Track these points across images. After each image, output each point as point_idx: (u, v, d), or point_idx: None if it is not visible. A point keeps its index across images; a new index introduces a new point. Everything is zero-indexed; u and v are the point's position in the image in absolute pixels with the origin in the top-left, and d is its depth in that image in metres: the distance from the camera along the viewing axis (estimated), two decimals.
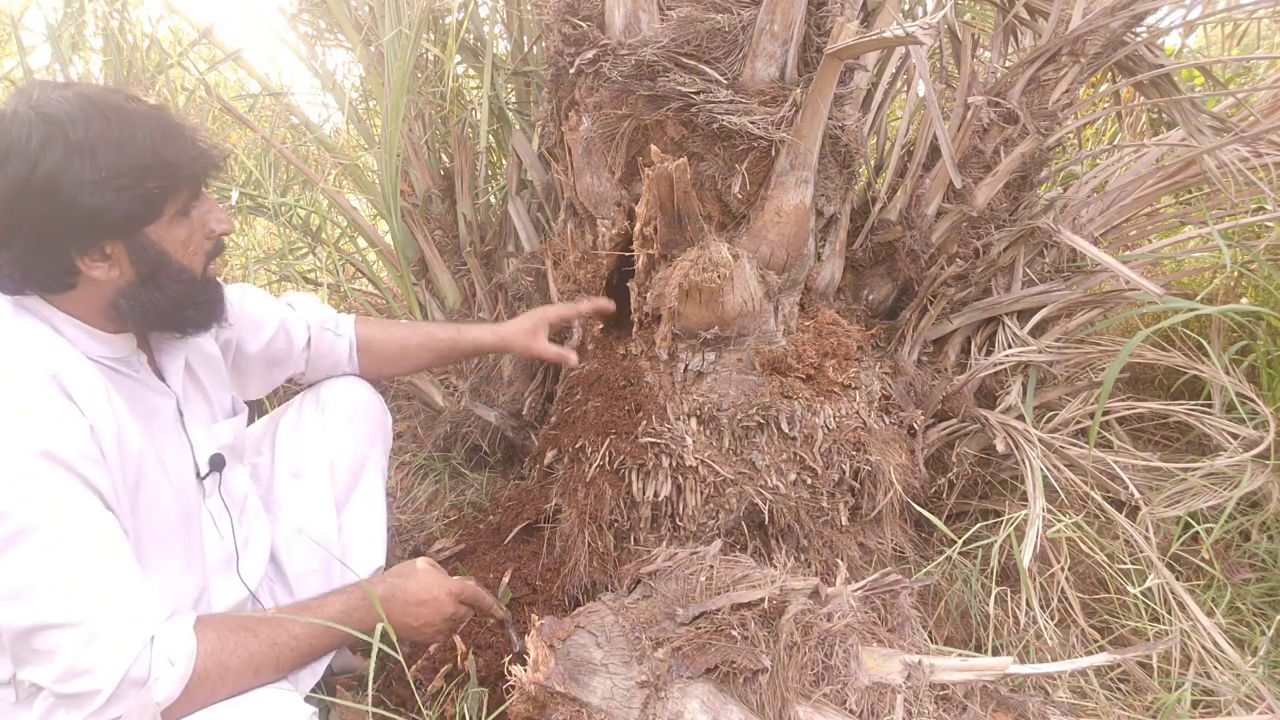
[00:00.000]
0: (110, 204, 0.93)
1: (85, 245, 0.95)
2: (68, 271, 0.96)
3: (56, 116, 0.91)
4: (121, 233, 0.96)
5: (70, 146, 0.90)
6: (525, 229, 2.14)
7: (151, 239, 0.99)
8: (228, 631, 0.96)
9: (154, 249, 0.99)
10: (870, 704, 1.03)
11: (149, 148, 0.95)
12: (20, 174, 0.89)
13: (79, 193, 0.91)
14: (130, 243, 0.97)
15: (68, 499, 0.90)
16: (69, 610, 0.86)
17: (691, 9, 1.49)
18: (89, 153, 0.91)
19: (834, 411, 1.59)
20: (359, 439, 1.44)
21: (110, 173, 0.92)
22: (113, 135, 0.93)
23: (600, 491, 1.51)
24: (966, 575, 1.52)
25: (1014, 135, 1.78)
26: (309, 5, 2.26)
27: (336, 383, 1.48)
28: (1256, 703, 1.26)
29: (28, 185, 0.89)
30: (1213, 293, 2.26)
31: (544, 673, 1.04)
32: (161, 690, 0.87)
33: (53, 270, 0.95)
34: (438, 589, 1.16)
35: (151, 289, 1.01)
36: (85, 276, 0.97)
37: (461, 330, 1.56)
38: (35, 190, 0.90)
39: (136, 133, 0.95)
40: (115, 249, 0.97)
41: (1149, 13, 1.71)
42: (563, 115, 1.66)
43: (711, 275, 1.43)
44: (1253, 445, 1.62)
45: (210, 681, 0.92)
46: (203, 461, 1.17)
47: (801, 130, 1.47)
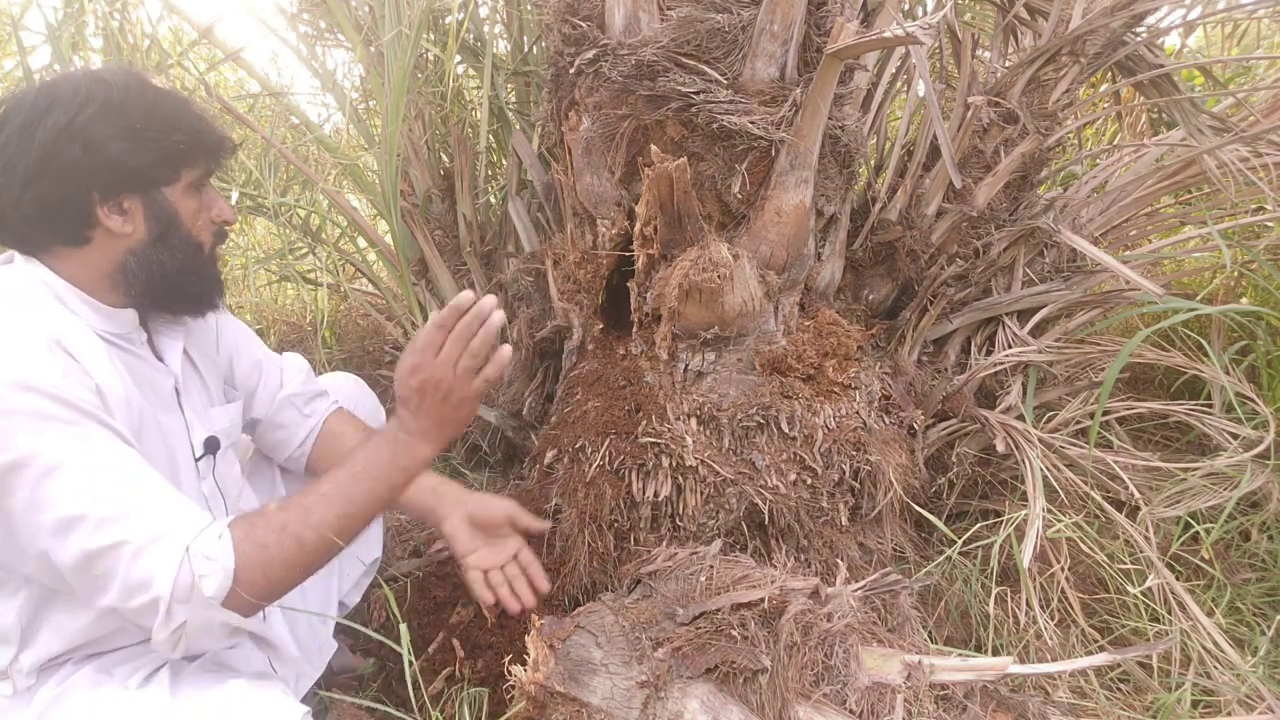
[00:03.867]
0: (136, 154, 1.01)
1: (106, 194, 1.01)
2: (86, 221, 1.02)
3: (101, 76, 1.02)
4: (141, 187, 1.03)
5: (109, 102, 1.00)
6: (525, 229, 2.14)
7: (167, 199, 1.06)
8: (257, 516, 0.97)
9: (168, 209, 1.06)
10: (870, 704, 1.03)
11: (177, 113, 1.05)
12: (61, 121, 0.98)
13: (109, 140, 0.99)
14: (147, 199, 1.04)
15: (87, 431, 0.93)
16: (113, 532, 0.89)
17: (691, 9, 1.49)
18: (124, 110, 1.00)
19: (834, 411, 1.59)
20: None
21: (140, 126, 1.01)
22: (148, 99, 1.03)
23: (600, 491, 1.51)
24: (966, 575, 1.52)
25: (1014, 135, 1.78)
26: (309, 5, 2.26)
27: (329, 377, 1.50)
28: (1256, 703, 1.26)
29: (66, 130, 0.98)
30: (1213, 293, 2.26)
31: (544, 673, 1.04)
32: (210, 585, 0.89)
33: (72, 216, 1.01)
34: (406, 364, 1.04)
35: (161, 249, 1.06)
36: (102, 228, 1.02)
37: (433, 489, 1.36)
38: (71, 135, 0.98)
39: (167, 101, 1.06)
40: (133, 204, 1.03)
41: (1149, 13, 1.71)
42: (563, 115, 1.66)
43: (711, 275, 1.43)
44: (1253, 445, 1.62)
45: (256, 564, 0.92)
46: (198, 444, 1.18)
47: (801, 130, 1.47)
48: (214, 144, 1.10)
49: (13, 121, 0.99)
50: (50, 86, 1.01)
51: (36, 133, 0.98)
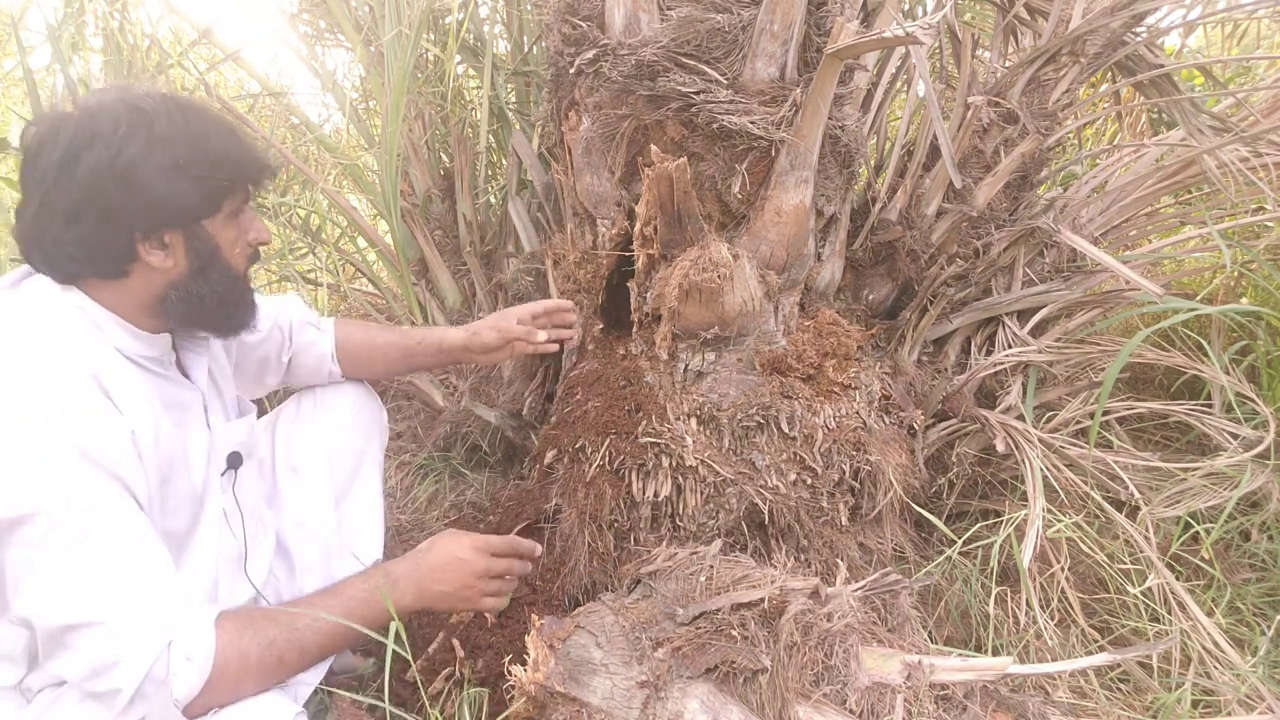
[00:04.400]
0: (180, 192, 0.99)
1: (149, 230, 0.99)
2: (127, 257, 1.00)
3: (144, 108, 0.98)
4: (183, 222, 1.02)
5: (153, 137, 0.97)
6: (525, 229, 2.14)
7: (208, 232, 1.05)
8: (247, 622, 0.97)
9: (209, 242, 1.05)
10: (870, 704, 1.03)
11: (220, 145, 1.03)
12: (104, 158, 0.95)
13: (154, 179, 0.97)
14: (188, 233, 1.03)
15: (101, 499, 0.92)
16: (95, 609, 0.88)
17: (691, 9, 1.49)
18: (168, 144, 0.98)
19: (834, 411, 1.59)
20: (356, 435, 1.46)
21: (184, 163, 0.98)
22: (190, 130, 1.00)
23: (600, 491, 1.51)
24: (966, 575, 1.52)
25: (1014, 135, 1.78)
26: (309, 5, 2.26)
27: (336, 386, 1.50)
28: (1256, 703, 1.26)
29: (110, 169, 0.95)
30: (1213, 293, 2.26)
31: (544, 673, 1.04)
32: (180, 687, 0.88)
33: (114, 253, 1.00)
34: (458, 549, 1.15)
35: (201, 282, 1.06)
36: (142, 263, 1.01)
37: (433, 332, 1.50)
38: (114, 174, 0.95)
39: (209, 130, 1.03)
40: (174, 238, 1.02)
41: (1149, 13, 1.71)
42: (563, 115, 1.66)
43: (711, 275, 1.43)
44: (1253, 445, 1.62)
45: (231, 672, 0.92)
46: (221, 459, 1.19)
47: (801, 130, 1.47)
48: (256, 172, 1.08)
49: (50, 153, 0.96)
50: (89, 119, 0.97)
51: (77, 170, 0.95)
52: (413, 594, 1.10)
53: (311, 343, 1.45)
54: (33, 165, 0.97)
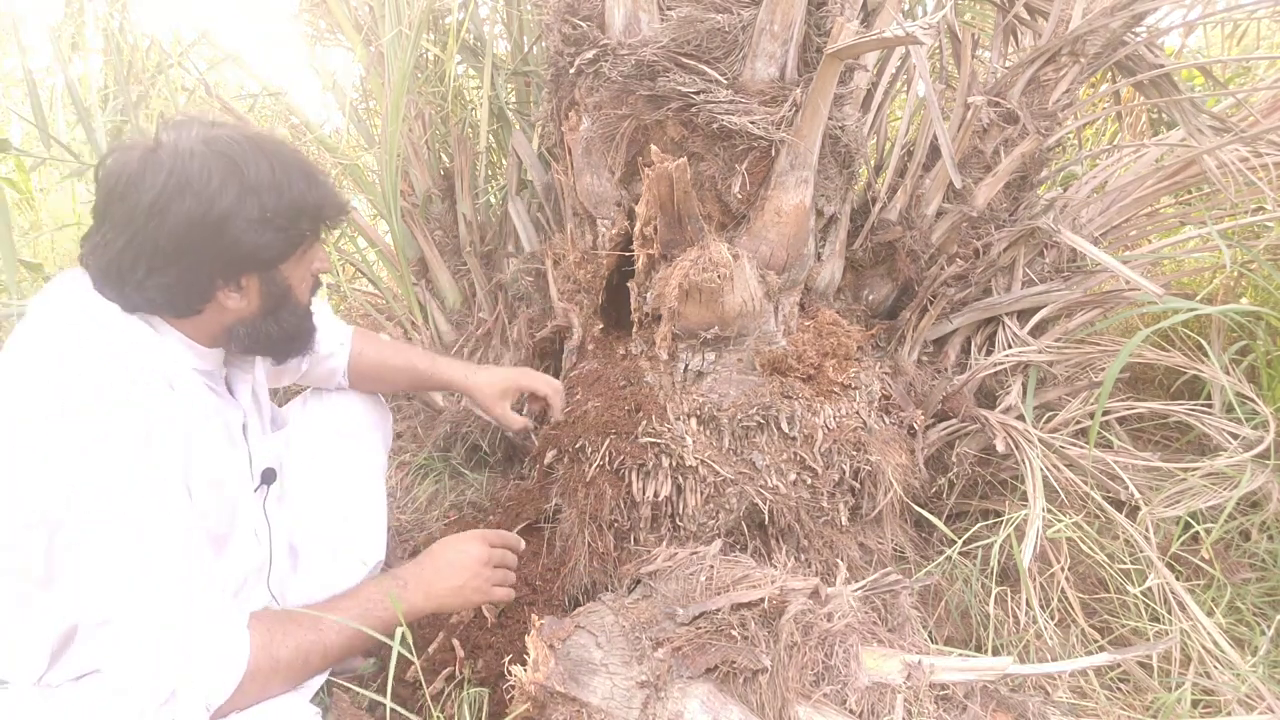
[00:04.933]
0: (267, 242, 1.01)
1: (230, 277, 1.02)
2: (204, 299, 1.03)
3: (232, 156, 0.98)
4: (263, 267, 1.04)
5: (244, 188, 0.98)
6: (525, 229, 2.14)
7: (283, 275, 1.08)
8: (276, 625, 0.99)
9: (283, 284, 1.08)
10: (870, 704, 1.03)
11: (301, 191, 1.04)
12: (196, 211, 0.96)
13: (243, 232, 0.99)
14: (264, 277, 1.06)
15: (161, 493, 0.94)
16: (141, 604, 0.89)
17: (691, 9, 1.49)
18: (257, 194, 0.99)
19: (834, 411, 1.59)
20: (361, 436, 1.49)
21: (271, 214, 1.00)
22: (277, 179, 1.01)
23: (600, 491, 1.51)
24: (966, 575, 1.52)
25: (1014, 135, 1.78)
26: (309, 5, 2.26)
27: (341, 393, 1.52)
28: (1256, 703, 1.26)
29: (201, 223, 0.96)
30: (1213, 293, 2.25)
31: (544, 673, 1.04)
32: (214, 690, 0.90)
33: (192, 297, 1.02)
34: (458, 542, 1.21)
35: (271, 321, 1.09)
36: (216, 303, 1.04)
37: (438, 364, 1.54)
38: (205, 227, 0.97)
39: (292, 176, 1.03)
40: (250, 281, 1.05)
41: (1149, 13, 1.71)
42: (563, 115, 1.66)
43: (711, 275, 1.43)
44: (1253, 445, 1.62)
45: (262, 675, 0.95)
46: (256, 475, 1.22)
47: (801, 130, 1.47)
48: (333, 215, 1.10)
49: (140, 196, 0.95)
50: (180, 166, 0.96)
51: (168, 218, 0.95)
52: (423, 594, 1.14)
53: (328, 354, 1.48)
54: (118, 202, 0.97)
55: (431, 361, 1.54)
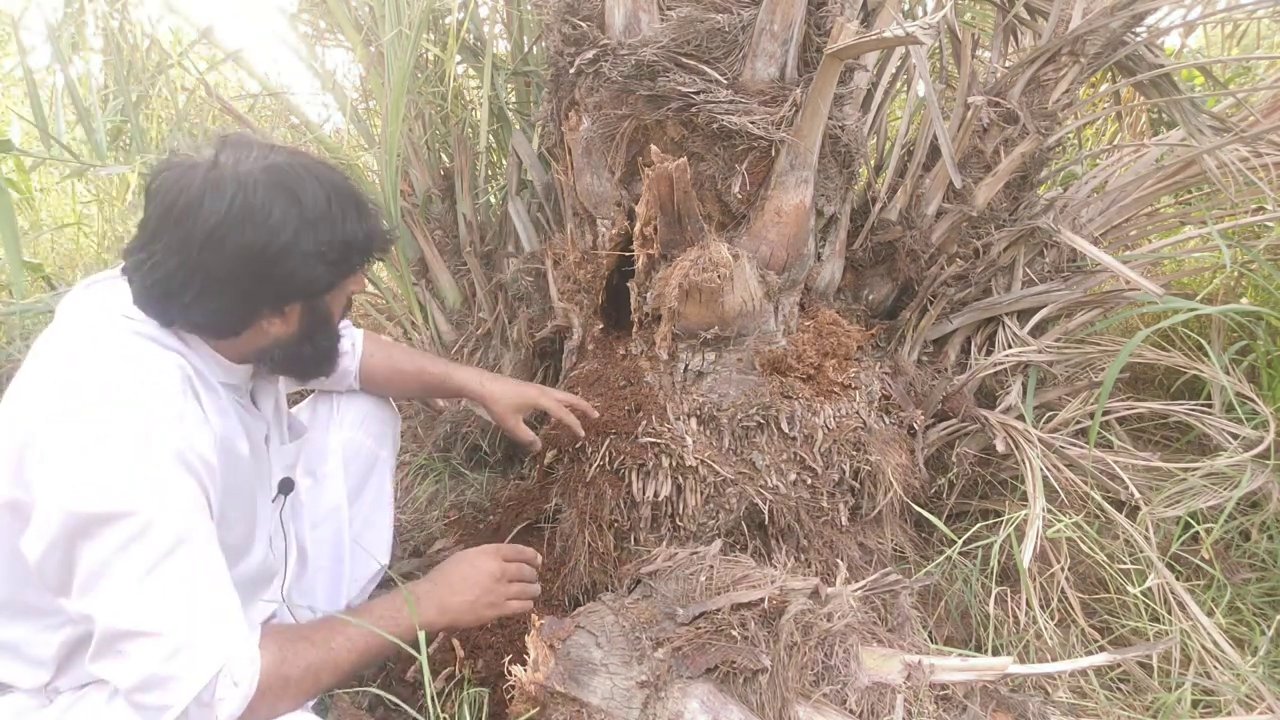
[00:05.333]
0: (320, 276, 1.02)
1: (278, 306, 1.03)
2: (246, 325, 1.03)
3: (292, 188, 0.98)
4: (310, 297, 1.05)
5: (304, 222, 0.98)
6: (525, 229, 2.14)
7: (326, 304, 1.09)
8: (287, 643, 0.97)
9: (325, 312, 1.09)
10: (870, 704, 1.03)
11: (355, 226, 1.04)
12: (258, 242, 0.95)
13: (300, 265, 0.99)
14: (308, 305, 1.06)
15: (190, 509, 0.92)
16: (161, 621, 0.88)
17: (691, 9, 1.49)
18: (314, 229, 0.99)
19: (834, 411, 1.59)
20: (370, 439, 1.49)
21: (326, 248, 1.00)
22: (332, 212, 1.01)
23: (600, 491, 1.51)
24: (966, 575, 1.52)
25: (1014, 135, 1.78)
26: (309, 5, 2.26)
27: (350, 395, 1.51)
28: (1256, 703, 1.26)
29: (260, 256, 0.96)
30: (1213, 293, 2.25)
31: (544, 673, 1.04)
32: (225, 711, 0.88)
33: (236, 323, 1.02)
34: (471, 557, 1.20)
35: (307, 344, 1.10)
36: (257, 329, 1.04)
37: (451, 371, 1.52)
38: (263, 260, 0.96)
39: (347, 209, 1.03)
40: (293, 309, 1.05)
41: (1149, 13, 1.71)
42: (563, 115, 1.66)
43: (711, 275, 1.43)
44: (1253, 445, 1.62)
45: (273, 694, 0.93)
46: (275, 485, 1.22)
47: (801, 130, 1.47)
48: (381, 249, 1.11)
49: (199, 222, 0.94)
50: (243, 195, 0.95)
51: (226, 247, 0.94)
52: (436, 609, 1.13)
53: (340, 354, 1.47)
54: (175, 225, 0.95)
55: (444, 368, 1.52)
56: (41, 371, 0.96)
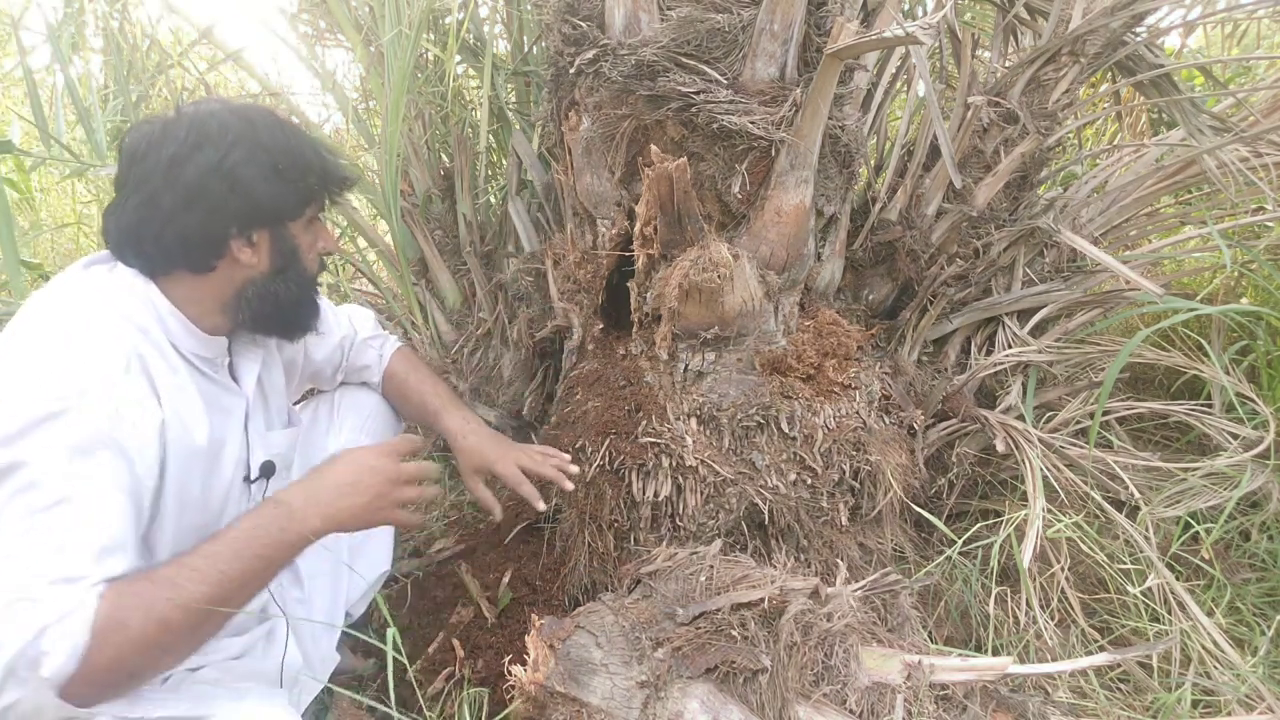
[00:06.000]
0: (276, 194, 1.07)
1: (242, 228, 1.06)
2: (218, 252, 1.07)
3: (247, 116, 1.07)
4: (273, 222, 1.09)
5: (257, 143, 1.05)
6: (525, 229, 2.14)
7: (291, 234, 1.12)
8: (126, 586, 0.88)
9: (291, 243, 1.13)
10: (870, 704, 1.03)
11: (310, 153, 1.12)
12: (212, 160, 1.02)
13: (256, 180, 1.05)
14: (275, 234, 1.10)
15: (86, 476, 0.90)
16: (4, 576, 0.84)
17: (691, 9, 1.49)
18: (270, 150, 1.06)
19: (834, 411, 1.59)
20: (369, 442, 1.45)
21: (282, 167, 1.07)
22: (289, 141, 1.09)
23: (600, 491, 1.51)
24: (966, 575, 1.52)
25: (1014, 135, 1.78)
26: (309, 5, 2.26)
27: (349, 388, 1.52)
28: (1256, 703, 1.26)
29: (216, 170, 1.02)
30: (1213, 293, 2.25)
31: (544, 673, 1.04)
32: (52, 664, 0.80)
33: (208, 247, 1.06)
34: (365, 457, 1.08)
35: (279, 281, 1.12)
36: (229, 259, 1.07)
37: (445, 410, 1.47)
38: (221, 174, 1.03)
39: (302, 140, 1.12)
40: (262, 238, 1.09)
41: (1149, 13, 1.71)
42: (563, 115, 1.66)
43: (711, 275, 1.43)
44: (1253, 445, 1.62)
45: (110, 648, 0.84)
46: (255, 466, 1.19)
47: (801, 130, 1.47)
48: (339, 180, 1.17)
49: (159, 154, 1.02)
50: (198, 123, 1.04)
51: (186, 168, 1.01)
52: (320, 517, 1.02)
53: (365, 366, 1.50)
54: (139, 164, 1.03)
55: (441, 405, 1.48)
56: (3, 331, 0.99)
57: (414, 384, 1.51)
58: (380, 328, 1.55)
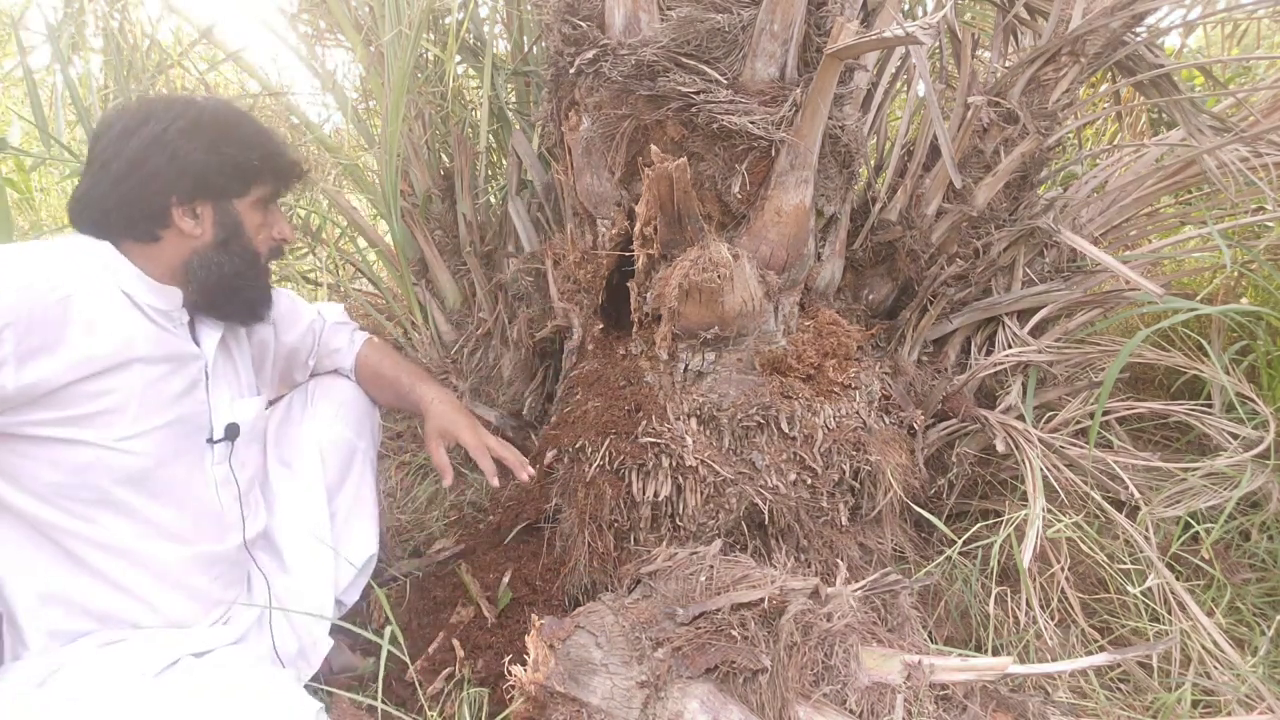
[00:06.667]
0: (213, 166, 1.14)
1: (183, 198, 1.14)
2: (162, 221, 1.14)
3: (195, 100, 1.18)
4: (214, 196, 1.17)
5: (199, 121, 1.14)
6: (525, 229, 2.13)
7: (235, 210, 1.19)
8: None
9: (234, 218, 1.19)
10: (870, 704, 1.03)
11: (254, 136, 1.20)
12: (154, 131, 1.12)
13: (192, 151, 1.13)
14: (218, 207, 1.17)
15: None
16: None
17: (691, 9, 1.49)
18: (210, 127, 1.15)
19: (834, 411, 1.59)
20: (346, 429, 1.50)
21: (221, 143, 1.15)
22: (231, 121, 1.19)
23: (600, 491, 1.51)
24: (966, 575, 1.52)
25: (1014, 135, 1.78)
26: (309, 5, 2.26)
27: (323, 378, 1.55)
28: (1256, 703, 1.26)
29: (157, 141, 1.12)
30: (1213, 293, 2.25)
31: (544, 673, 1.04)
32: None
33: (151, 214, 1.14)
34: None
35: (222, 253, 1.19)
36: (174, 228, 1.15)
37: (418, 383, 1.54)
38: (160, 145, 1.12)
39: (248, 124, 1.21)
40: (205, 210, 1.16)
41: (1149, 13, 1.71)
42: (563, 115, 1.66)
43: (711, 275, 1.43)
44: (1253, 445, 1.62)
45: None
46: (219, 427, 1.24)
47: (801, 130, 1.47)
48: (284, 167, 1.23)
49: (114, 129, 1.13)
50: (150, 102, 1.16)
51: (131, 140, 1.12)
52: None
53: (336, 350, 1.54)
54: (97, 141, 1.14)
55: (414, 380, 1.54)
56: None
57: (387, 365, 1.55)
58: (349, 317, 1.61)
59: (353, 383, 1.56)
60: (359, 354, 1.55)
